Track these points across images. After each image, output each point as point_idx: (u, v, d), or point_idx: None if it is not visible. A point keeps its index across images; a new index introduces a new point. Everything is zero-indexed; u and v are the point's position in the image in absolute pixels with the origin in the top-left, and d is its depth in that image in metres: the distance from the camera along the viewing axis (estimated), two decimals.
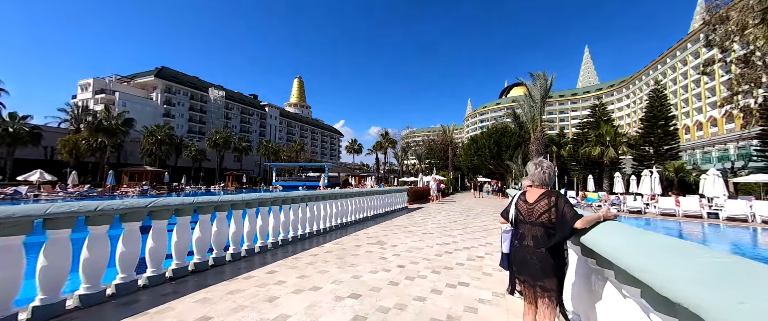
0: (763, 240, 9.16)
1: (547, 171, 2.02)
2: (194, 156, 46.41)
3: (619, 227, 1.69)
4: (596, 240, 1.62)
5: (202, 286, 3.42)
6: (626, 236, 1.46)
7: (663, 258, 1.10)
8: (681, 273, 0.96)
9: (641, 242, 1.31)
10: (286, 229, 5.83)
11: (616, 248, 1.37)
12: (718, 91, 44.39)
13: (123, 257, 3.18)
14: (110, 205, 3.05)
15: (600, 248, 1.54)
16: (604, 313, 1.70)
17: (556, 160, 29.71)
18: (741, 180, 18.58)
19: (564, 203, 1.87)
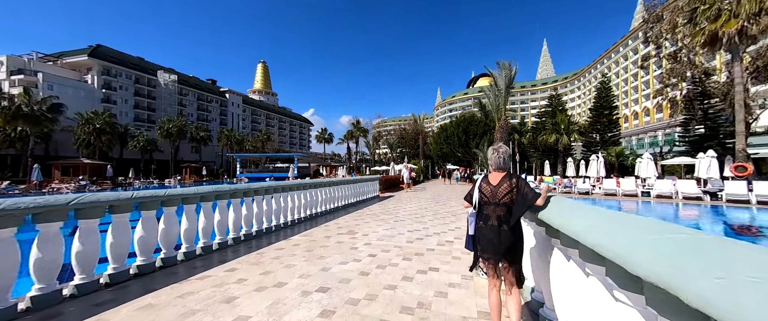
0: (684, 213, 10.67)
1: (503, 155, 2.19)
2: (143, 147, 41.84)
3: (581, 207, 1.77)
4: (564, 221, 1.66)
5: (147, 290, 3.03)
6: (593, 217, 1.49)
7: (630, 236, 1.10)
8: (649, 250, 0.96)
9: (607, 222, 1.34)
10: (249, 223, 5.44)
11: (584, 229, 1.40)
12: (651, 85, 50.18)
13: (39, 264, 2.66)
14: (17, 204, 2.51)
15: (568, 229, 1.57)
16: (568, 291, 1.77)
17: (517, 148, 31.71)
18: (667, 162, 21.42)
19: (524, 184, 2.06)
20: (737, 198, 11.47)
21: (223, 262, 4.04)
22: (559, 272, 1.92)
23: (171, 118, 48.86)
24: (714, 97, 20.75)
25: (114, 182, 29.85)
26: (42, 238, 2.71)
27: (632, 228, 1.15)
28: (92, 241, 3.03)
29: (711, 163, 13.18)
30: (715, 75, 22.16)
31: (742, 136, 14.07)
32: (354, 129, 56.98)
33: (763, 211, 10.18)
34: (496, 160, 2.19)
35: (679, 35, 19.17)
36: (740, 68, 14.49)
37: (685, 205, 12.01)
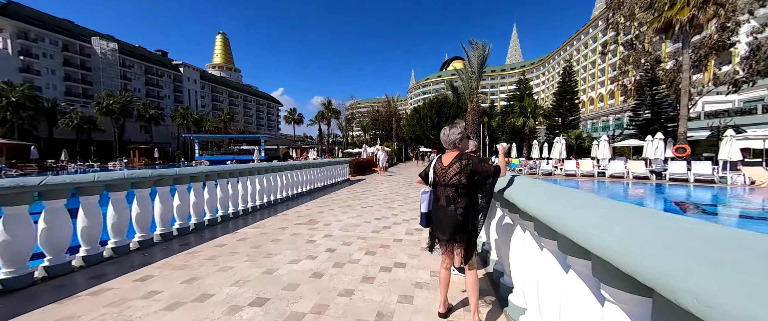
0: (633, 191, 11.49)
1: (451, 135, 2.13)
2: (78, 125, 36.42)
3: (539, 185, 1.99)
4: (522, 198, 1.80)
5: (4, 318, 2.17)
6: (545, 195, 1.69)
7: (579, 213, 1.21)
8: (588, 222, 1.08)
9: (559, 199, 1.51)
10: (185, 216, 4.54)
11: (537, 205, 1.56)
12: (606, 72, 53.76)
13: None
14: None
15: (523, 204, 1.75)
16: (523, 260, 2.01)
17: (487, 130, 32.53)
18: (618, 145, 23.24)
19: (478, 162, 2.02)
20: (678, 177, 12.60)
21: (142, 265, 3.21)
22: (517, 244, 2.14)
23: (112, 92, 42.81)
24: (661, 84, 22.47)
25: (41, 166, 25.80)
26: None
27: (574, 202, 1.34)
28: None
29: (658, 145, 14.28)
30: (663, 62, 23.93)
31: (685, 119, 15.37)
32: (325, 110, 54.65)
33: (700, 188, 11.27)
34: (445, 140, 2.18)
35: (636, 22, 20.14)
36: (688, 55, 15.53)
37: (634, 184, 12.98)
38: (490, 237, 3.24)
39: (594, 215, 1.12)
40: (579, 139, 30.69)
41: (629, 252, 0.81)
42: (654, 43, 22.12)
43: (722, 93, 21.17)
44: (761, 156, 14.57)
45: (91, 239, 3.27)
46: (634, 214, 1.08)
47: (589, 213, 1.16)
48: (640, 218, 1.00)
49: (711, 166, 12.47)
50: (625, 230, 0.90)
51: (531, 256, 1.89)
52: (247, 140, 44.53)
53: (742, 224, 6.89)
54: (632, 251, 0.80)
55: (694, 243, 0.72)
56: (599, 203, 1.29)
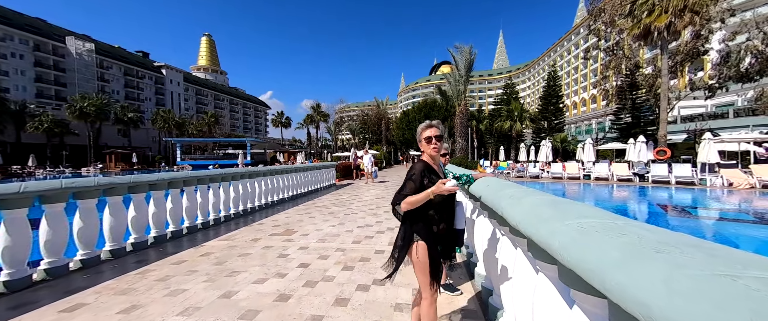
0: (619, 194, 11.59)
1: (420, 129, 1.80)
2: (48, 128, 34.38)
3: (510, 186, 1.86)
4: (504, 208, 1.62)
5: None
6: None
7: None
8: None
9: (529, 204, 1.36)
10: (141, 228, 4.06)
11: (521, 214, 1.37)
12: (588, 77, 55.62)
13: None
14: None
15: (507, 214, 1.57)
16: (517, 283, 1.78)
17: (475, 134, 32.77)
18: (601, 147, 23.80)
19: (408, 175, 1.68)
20: (660, 179, 12.84)
21: (77, 290, 2.74)
22: (506, 261, 1.95)
23: (87, 95, 40.76)
24: (641, 88, 23.23)
25: (5, 172, 24.07)
26: None
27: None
28: None
29: (640, 148, 14.57)
30: (642, 67, 24.79)
31: (664, 123, 15.81)
32: (314, 113, 53.90)
33: (681, 191, 11.48)
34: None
35: (617, 29, 20.80)
36: (666, 61, 16.05)
37: (619, 186, 13.14)
38: (476, 247, 2.97)
39: (617, 242, 0.83)
40: (564, 142, 31.34)
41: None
42: (633, 50, 22.92)
43: (699, 98, 22.05)
44: (736, 158, 15.13)
45: (14, 261, 2.77)
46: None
47: (611, 239, 0.83)
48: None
49: (690, 169, 12.78)
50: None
51: (524, 277, 1.61)
52: (232, 144, 43.28)
53: (722, 226, 6.94)
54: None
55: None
56: (635, 229, 0.87)
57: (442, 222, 1.71)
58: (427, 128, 1.73)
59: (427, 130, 1.72)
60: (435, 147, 1.70)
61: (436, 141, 1.70)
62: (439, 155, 1.77)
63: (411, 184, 1.62)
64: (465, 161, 17.75)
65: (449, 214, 1.78)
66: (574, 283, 0.98)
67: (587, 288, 0.85)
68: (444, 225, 1.72)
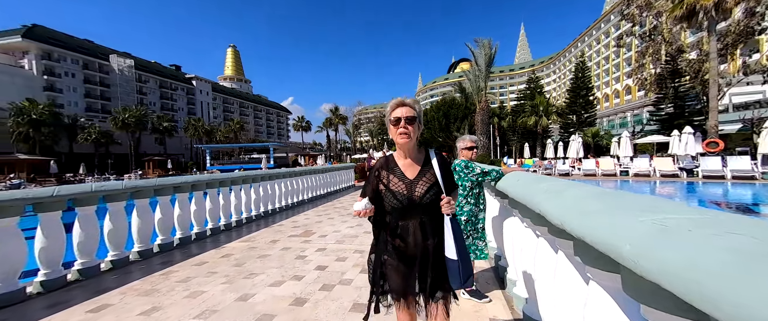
0: (663, 191, 10.51)
1: (388, 109, 1.40)
2: (96, 139, 37.72)
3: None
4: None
5: None
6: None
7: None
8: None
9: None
10: (167, 229, 4.17)
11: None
12: (621, 67, 51.79)
13: None
14: None
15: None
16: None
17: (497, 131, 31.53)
18: (638, 141, 21.91)
19: None
20: (713, 174, 11.50)
21: (105, 290, 2.82)
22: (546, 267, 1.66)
23: (128, 107, 44.34)
24: (685, 75, 21.13)
25: (60, 179, 26.63)
26: None
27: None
28: None
29: (687, 140, 13.19)
30: (686, 52, 22.55)
31: (715, 112, 14.22)
32: (333, 116, 54.82)
33: (739, 186, 10.19)
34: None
35: (654, 12, 19.08)
36: (715, 43, 14.45)
37: (662, 182, 11.95)
38: (506, 250, 2.70)
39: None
40: (596, 136, 29.30)
41: None
42: (674, 34, 20.89)
43: (755, 83, 19.67)
44: None
45: (50, 261, 2.91)
46: None
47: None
48: None
49: (750, 162, 11.32)
50: None
51: (570, 287, 1.35)
52: (256, 149, 45.03)
53: None
54: None
55: None
56: (749, 227, 0.63)
57: (411, 236, 1.23)
58: (396, 107, 1.27)
59: (397, 109, 1.26)
60: (403, 132, 1.23)
61: (405, 124, 1.23)
62: (409, 144, 1.26)
63: (366, 186, 1.33)
64: (487, 159, 17.08)
65: (433, 229, 1.23)
66: (652, 298, 0.75)
67: (672, 305, 0.66)
68: (418, 241, 1.23)
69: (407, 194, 1.23)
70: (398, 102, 1.29)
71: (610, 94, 56.02)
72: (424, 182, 1.25)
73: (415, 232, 1.23)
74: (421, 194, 1.23)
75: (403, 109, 1.25)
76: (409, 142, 1.25)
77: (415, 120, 1.26)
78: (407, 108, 1.25)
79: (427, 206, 1.23)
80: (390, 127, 1.29)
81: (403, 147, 1.29)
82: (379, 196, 1.29)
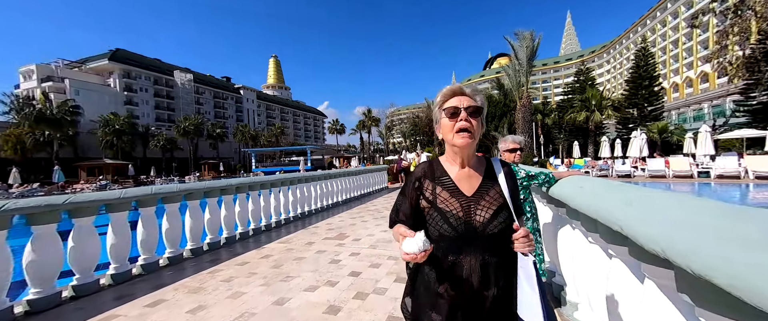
0: (761, 196, 8.66)
1: (437, 100, 1.07)
2: (163, 145, 43.14)
3: None
4: None
5: None
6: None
7: None
8: None
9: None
10: (215, 229, 4.46)
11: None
12: (694, 51, 44.56)
13: None
14: None
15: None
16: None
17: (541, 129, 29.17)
18: (722, 137, 18.51)
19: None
20: None
21: (161, 286, 3.06)
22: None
23: (188, 116, 50.04)
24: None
25: (136, 181, 30.84)
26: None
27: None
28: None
29: None
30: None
31: None
32: (365, 118, 55.77)
33: None
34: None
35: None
36: None
37: (759, 186, 9.85)
38: (563, 268, 2.34)
39: None
40: (664, 132, 25.50)
41: None
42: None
43: None
44: None
45: (119, 257, 3.25)
46: None
47: None
48: None
49: None
50: None
51: None
52: (295, 152, 47.61)
53: None
54: None
55: None
56: None
57: (465, 281, 0.84)
58: (450, 95, 0.92)
59: (453, 98, 0.92)
60: (464, 128, 0.88)
61: (467, 116, 0.88)
62: (470, 146, 0.90)
63: (402, 202, 0.98)
64: (529, 160, 15.82)
65: (498, 274, 0.84)
66: None
67: None
68: (474, 288, 0.84)
69: (464, 218, 0.86)
70: (455, 89, 0.92)
71: (681, 83, 48.55)
72: (489, 203, 0.88)
73: (472, 276, 0.83)
74: (486, 220, 0.85)
75: (461, 99, 0.90)
76: (471, 144, 0.89)
77: (480, 112, 0.91)
78: (467, 98, 0.91)
79: (492, 238, 0.85)
80: (441, 122, 0.93)
81: (461, 150, 0.91)
82: (420, 215, 0.94)
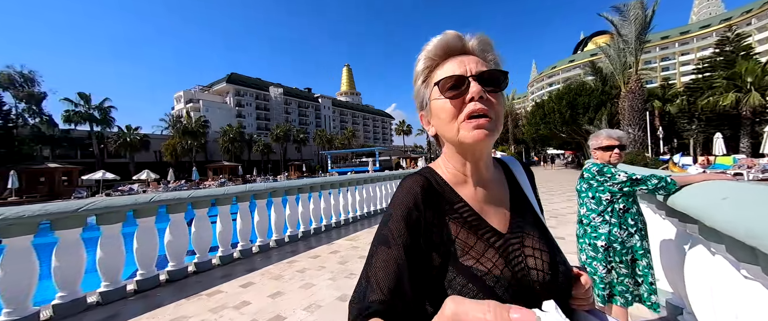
0: None
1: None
2: (262, 150, 51.82)
3: None
4: None
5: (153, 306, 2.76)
6: None
7: None
8: None
9: None
10: (294, 223, 5.04)
11: None
12: None
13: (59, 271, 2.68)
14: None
15: None
16: None
17: (660, 119, 23.01)
18: None
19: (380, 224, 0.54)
20: None
21: (252, 270, 3.62)
22: None
23: (279, 124, 58.88)
24: None
25: (243, 179, 37.87)
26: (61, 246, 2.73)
27: None
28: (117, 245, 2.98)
29: None
30: None
31: None
32: None
33: None
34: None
35: None
36: None
37: None
38: (691, 302, 1.71)
39: None
40: None
41: None
42: None
43: None
44: None
45: (224, 242, 3.99)
46: None
47: None
48: None
49: None
50: None
51: None
52: (365, 153, 50.37)
53: None
54: None
55: None
56: None
57: None
58: (446, 54, 0.54)
59: (452, 60, 0.52)
60: (480, 111, 0.49)
61: (482, 91, 0.49)
62: (490, 142, 0.52)
63: (385, 262, 0.47)
64: (640, 158, 12.56)
65: None
66: None
67: None
68: None
69: (511, 278, 0.48)
70: (450, 43, 0.53)
71: None
72: (537, 240, 0.55)
73: None
74: (546, 274, 0.51)
75: (466, 60, 0.52)
76: (491, 140, 0.51)
77: (501, 82, 0.53)
78: (474, 58, 0.53)
79: (552, 295, 0.46)
80: (432, 106, 0.55)
81: (477, 151, 0.55)
82: (423, 283, 0.49)
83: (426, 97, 0.56)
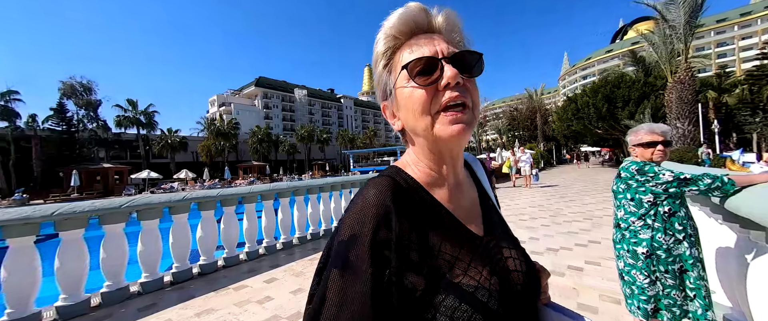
0: None
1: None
2: (287, 150, 53.84)
3: None
4: None
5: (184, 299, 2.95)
6: None
7: None
8: None
9: None
10: (315, 221, 5.15)
11: None
12: None
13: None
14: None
15: None
16: None
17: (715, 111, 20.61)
18: None
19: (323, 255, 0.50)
20: None
21: (276, 266, 3.75)
22: None
23: (303, 125, 60.79)
24: None
25: (270, 178, 39.59)
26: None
27: None
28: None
29: None
30: None
31: None
32: None
33: None
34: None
35: None
36: None
37: None
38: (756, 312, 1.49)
39: None
40: None
41: None
42: None
43: None
44: None
45: (251, 238, 4.18)
46: None
47: None
48: None
49: None
50: None
51: None
52: (386, 152, 50.48)
53: None
54: None
55: None
56: None
57: None
58: (410, 31, 0.46)
59: (414, 41, 0.46)
60: (455, 99, 0.43)
61: (457, 76, 0.43)
62: (464, 138, 0.46)
63: (341, 297, 0.39)
64: (688, 156, 11.32)
65: None
66: None
67: None
68: None
69: (498, 284, 0.44)
70: (415, 18, 0.46)
71: None
72: (507, 241, 0.52)
73: None
74: (524, 275, 0.49)
75: (435, 40, 0.46)
76: (469, 133, 0.45)
77: (475, 65, 0.47)
78: (441, 37, 0.47)
79: (531, 295, 0.50)
80: (397, 94, 0.48)
81: (455, 146, 0.49)
82: (406, 312, 0.40)
83: (390, 84, 0.49)
